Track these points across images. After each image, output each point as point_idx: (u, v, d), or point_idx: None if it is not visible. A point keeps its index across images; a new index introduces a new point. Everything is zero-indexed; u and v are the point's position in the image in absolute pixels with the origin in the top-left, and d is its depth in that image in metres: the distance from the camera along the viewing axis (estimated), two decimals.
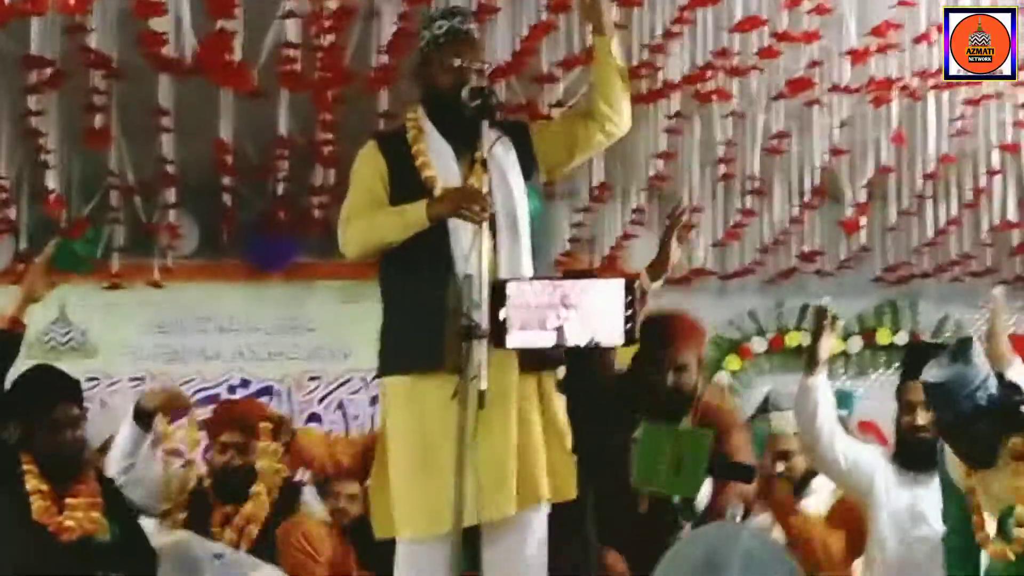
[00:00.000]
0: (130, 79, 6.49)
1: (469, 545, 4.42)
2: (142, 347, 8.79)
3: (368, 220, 4.57)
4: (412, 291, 4.51)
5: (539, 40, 6.44)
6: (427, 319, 4.37)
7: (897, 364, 9.53)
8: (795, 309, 9.60)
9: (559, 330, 3.17)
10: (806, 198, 8.28)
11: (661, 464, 3.35)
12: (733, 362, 9.54)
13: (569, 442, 4.32)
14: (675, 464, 3.32)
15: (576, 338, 3.16)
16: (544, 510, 4.49)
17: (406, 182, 4.54)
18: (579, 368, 3.18)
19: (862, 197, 8.28)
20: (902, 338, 9.67)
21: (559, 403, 4.37)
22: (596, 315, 3.18)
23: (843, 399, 5.64)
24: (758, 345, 9.65)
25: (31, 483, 5.04)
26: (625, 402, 4.84)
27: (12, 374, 5.19)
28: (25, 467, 5.07)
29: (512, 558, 4.47)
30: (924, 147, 7.61)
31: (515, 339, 3.22)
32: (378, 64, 6.50)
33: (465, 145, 4.47)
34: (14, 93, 6.64)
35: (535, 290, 3.21)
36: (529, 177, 4.59)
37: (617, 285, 3.14)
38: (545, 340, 3.23)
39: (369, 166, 4.64)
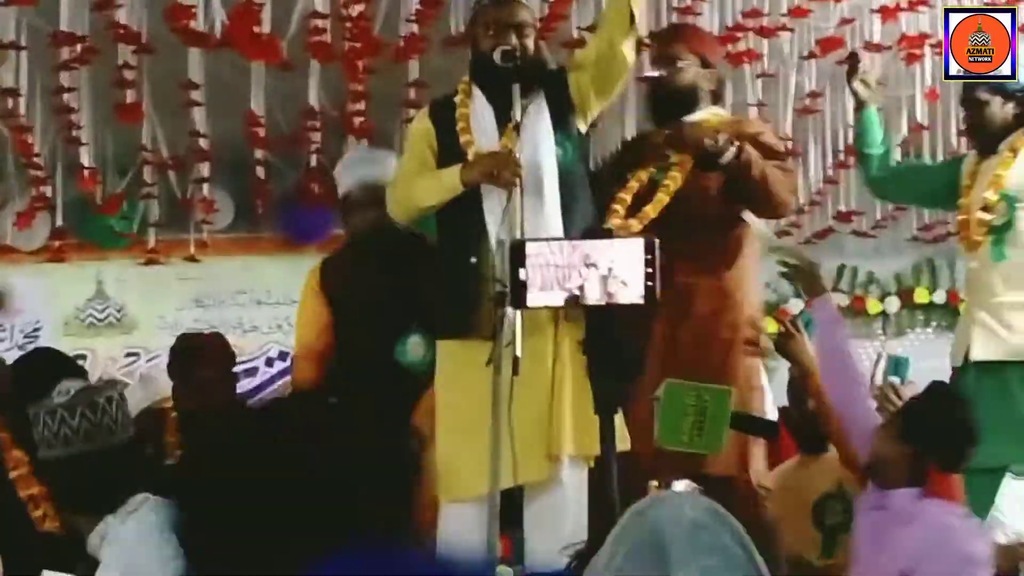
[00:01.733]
0: (160, 53, 6.51)
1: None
2: (180, 321, 8.80)
3: (409, 184, 4.65)
4: (450, 257, 4.58)
5: (568, 5, 6.42)
6: (461, 285, 4.42)
7: (935, 323, 9.59)
8: (832, 270, 9.57)
9: (580, 290, 3.16)
10: (840, 158, 8.24)
11: (684, 422, 3.34)
12: (771, 325, 9.46)
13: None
14: (698, 422, 3.32)
15: (596, 298, 3.16)
16: (584, 468, 4.49)
17: (452, 147, 4.58)
18: (600, 328, 3.16)
19: (897, 155, 8.23)
20: (940, 296, 9.63)
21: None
22: (617, 274, 3.17)
23: (897, 365, 5.58)
24: (795, 307, 9.58)
25: (24, 491, 4.57)
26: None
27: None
28: (14, 473, 4.62)
29: (551, 516, 4.48)
30: (958, 104, 7.55)
31: (535, 299, 3.22)
32: (407, 33, 6.50)
33: (506, 108, 4.49)
34: (45, 70, 6.67)
35: (555, 250, 3.21)
36: (565, 127, 4.58)
37: (637, 244, 3.14)
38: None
39: (418, 131, 4.72)
